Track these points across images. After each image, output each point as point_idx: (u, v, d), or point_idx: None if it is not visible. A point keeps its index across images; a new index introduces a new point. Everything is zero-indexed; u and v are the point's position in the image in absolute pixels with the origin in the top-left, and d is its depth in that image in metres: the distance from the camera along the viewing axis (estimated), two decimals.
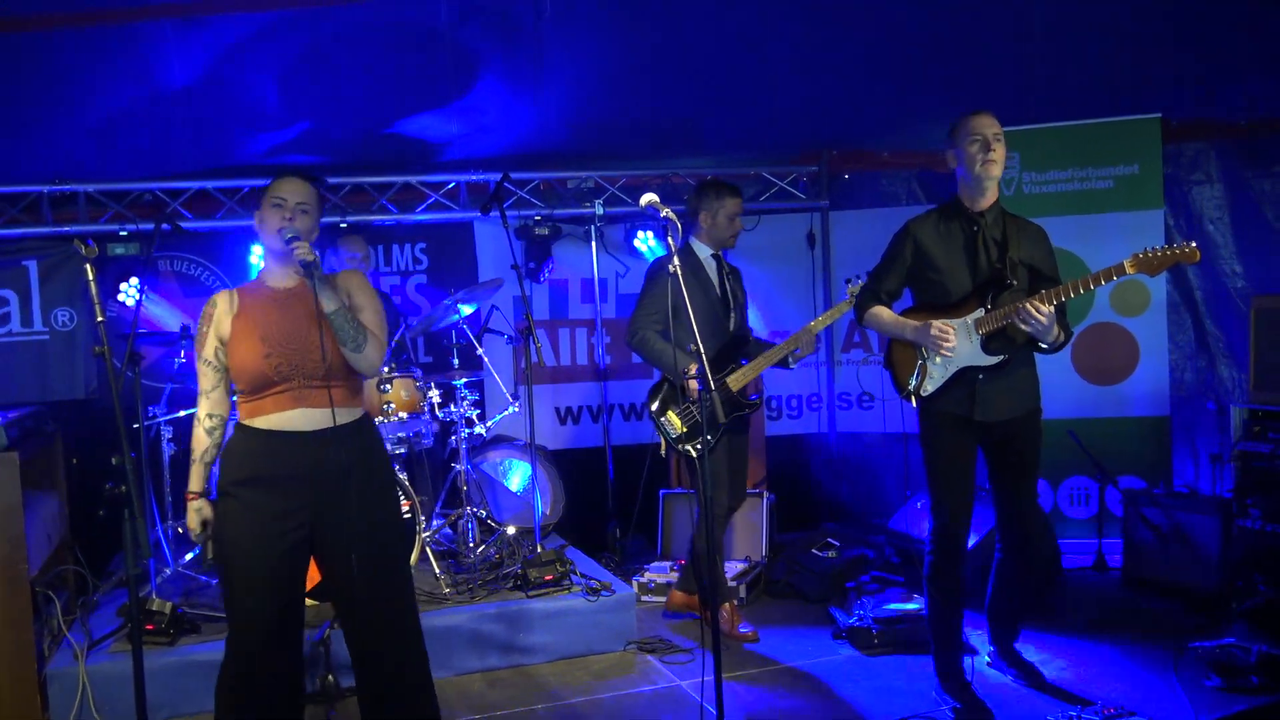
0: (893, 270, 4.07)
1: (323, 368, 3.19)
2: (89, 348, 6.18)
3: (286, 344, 3.20)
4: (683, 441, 4.82)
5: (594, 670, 4.66)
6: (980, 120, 3.86)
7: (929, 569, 4.04)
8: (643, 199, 3.51)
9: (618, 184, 6.75)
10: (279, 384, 3.18)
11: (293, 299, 3.31)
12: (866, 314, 4.12)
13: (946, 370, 3.91)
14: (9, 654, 4.24)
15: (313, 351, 3.18)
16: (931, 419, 3.99)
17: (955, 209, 3.98)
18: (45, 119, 5.37)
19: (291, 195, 3.28)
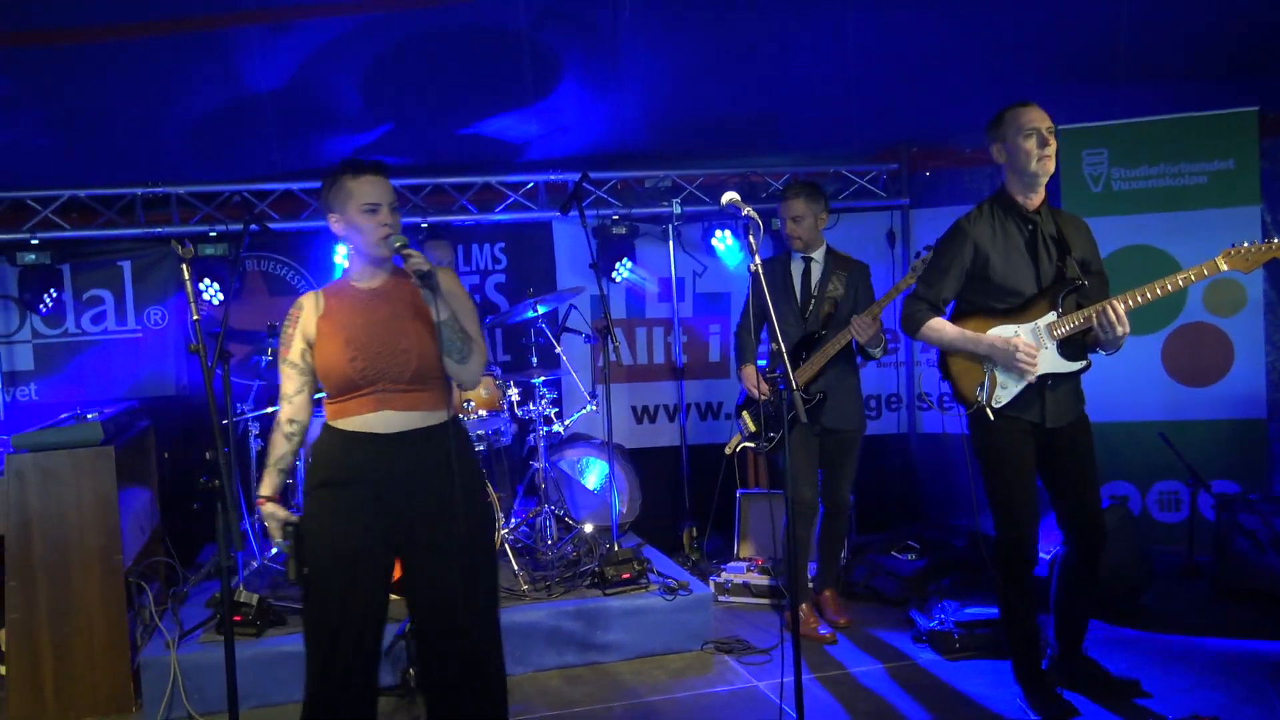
0: (950, 276, 3.84)
1: (409, 372, 3.08)
2: (180, 345, 6.37)
3: (372, 347, 3.07)
4: (753, 439, 5.00)
5: (671, 669, 4.65)
6: (1033, 113, 3.70)
7: (1000, 579, 3.92)
8: (724, 197, 3.48)
9: (695, 183, 6.73)
10: (364, 388, 3.06)
11: (379, 300, 3.17)
12: (924, 327, 3.87)
13: (1022, 379, 3.77)
14: (105, 642, 4.39)
15: (399, 355, 3.07)
16: (998, 428, 3.80)
17: (1008, 207, 3.81)
18: (140, 123, 5.54)
19: (383, 196, 3.08)
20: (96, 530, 4.38)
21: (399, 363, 3.07)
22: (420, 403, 3.10)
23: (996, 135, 3.78)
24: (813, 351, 4.89)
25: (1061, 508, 3.95)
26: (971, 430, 3.91)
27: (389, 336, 3.09)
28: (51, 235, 5.96)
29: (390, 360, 3.06)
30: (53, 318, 6.14)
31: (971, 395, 3.84)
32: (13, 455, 4.34)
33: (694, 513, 6.44)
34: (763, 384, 4.95)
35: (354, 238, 3.14)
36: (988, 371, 3.81)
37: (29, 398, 6.21)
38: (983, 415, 3.81)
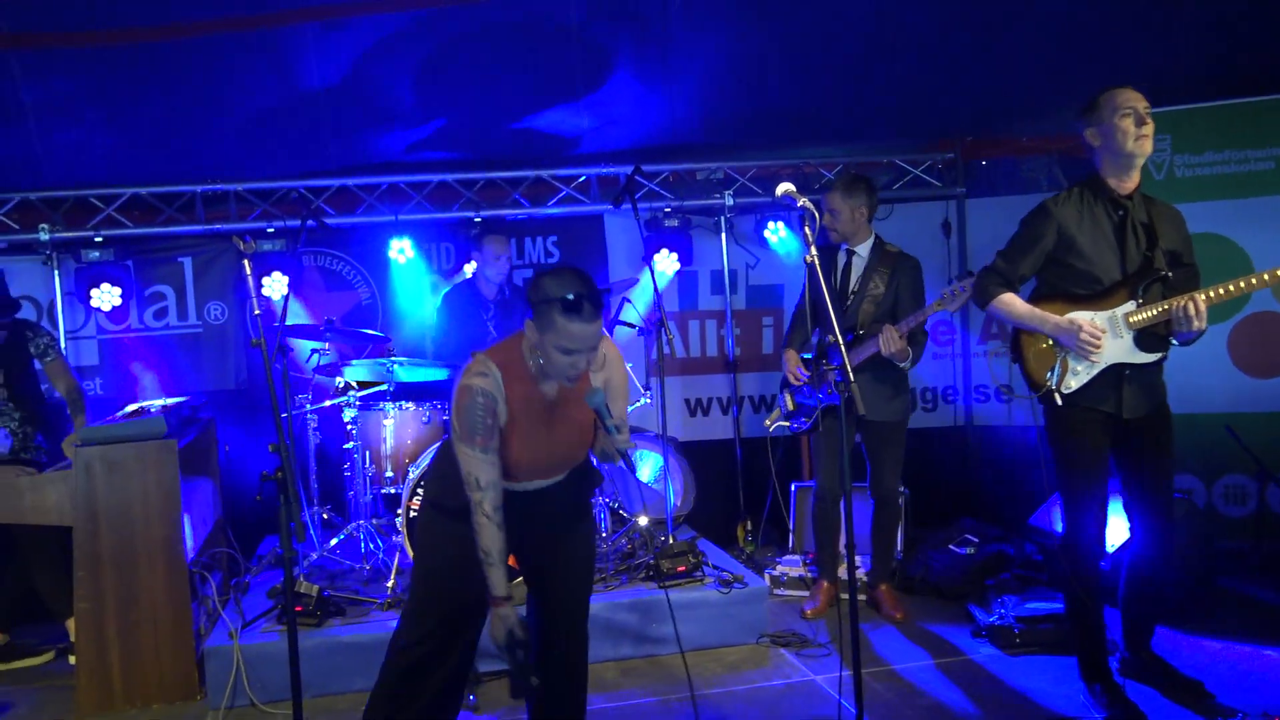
0: (1030, 254, 3.82)
1: (572, 463, 3.21)
2: (239, 340, 6.47)
3: (552, 452, 3.13)
4: (788, 418, 5.18)
5: (727, 662, 4.64)
6: (1129, 94, 3.67)
7: (1067, 570, 3.87)
8: (779, 188, 3.47)
9: (747, 175, 6.70)
10: (519, 477, 3.13)
11: (559, 411, 3.10)
12: (995, 301, 3.84)
13: (1094, 367, 3.71)
14: (170, 631, 4.47)
15: (556, 455, 3.14)
16: (1071, 417, 3.76)
17: (1098, 191, 3.76)
18: (199, 121, 5.63)
19: (588, 341, 2.87)
20: (161, 522, 4.46)
21: (556, 459, 3.15)
22: (562, 471, 3.24)
23: (1092, 119, 3.75)
24: (850, 346, 4.90)
25: (1134, 500, 3.89)
26: (1046, 417, 3.87)
27: (567, 444, 3.14)
28: (115, 233, 6.08)
29: (548, 459, 3.13)
30: (116, 314, 6.26)
31: (1041, 379, 3.80)
32: (80, 449, 4.43)
33: (748, 506, 6.43)
34: (798, 369, 5.07)
35: (539, 352, 2.98)
36: (1059, 356, 3.76)
37: (94, 392, 6.34)
38: (1054, 402, 3.76)
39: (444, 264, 6.70)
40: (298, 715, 2.96)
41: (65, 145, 5.49)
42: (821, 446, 5.10)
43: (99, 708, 4.42)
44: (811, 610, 5.16)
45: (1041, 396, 3.82)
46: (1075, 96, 5.95)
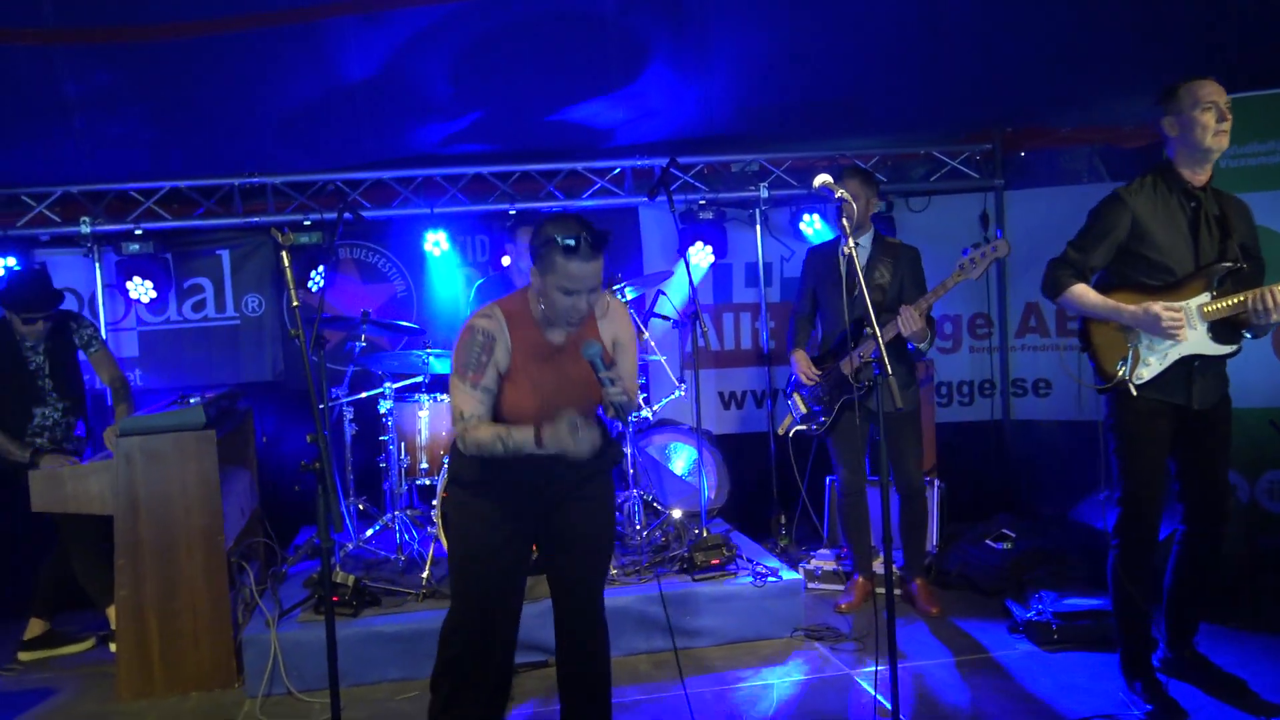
0: (1102, 244, 3.77)
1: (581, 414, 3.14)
2: (276, 332, 6.53)
3: (557, 396, 3.13)
4: (804, 422, 5.15)
5: (761, 655, 4.63)
6: (1210, 86, 3.63)
7: (1117, 561, 3.82)
8: (816, 179, 3.45)
9: (783, 166, 6.66)
10: (525, 423, 3.11)
11: (566, 357, 3.17)
12: (1066, 291, 3.80)
13: (1166, 358, 3.68)
14: (209, 619, 4.52)
15: (580, 402, 3.14)
16: (1139, 407, 3.71)
17: (1172, 182, 3.73)
18: (237, 115, 5.66)
19: (586, 280, 2.98)
20: (200, 511, 4.51)
21: (577, 405, 3.09)
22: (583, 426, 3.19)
23: (1170, 108, 3.70)
24: (860, 341, 4.88)
25: (1190, 490, 3.85)
26: (1110, 407, 3.83)
27: (574, 389, 3.16)
28: (154, 226, 6.15)
29: (569, 403, 3.09)
30: (156, 305, 6.33)
31: (1112, 369, 3.77)
32: (120, 439, 4.48)
33: (782, 499, 6.40)
34: (812, 369, 5.07)
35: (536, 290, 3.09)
36: (1132, 346, 3.73)
37: (134, 383, 6.41)
38: (1124, 392, 3.72)
39: (478, 256, 6.72)
40: (335, 704, 2.97)
41: (107, 139, 5.54)
42: (841, 442, 5.09)
43: (139, 694, 4.48)
44: (846, 604, 5.14)
45: (1112, 387, 3.77)
46: (1117, 87, 5.93)
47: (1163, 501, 3.79)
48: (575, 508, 3.31)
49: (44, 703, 4.56)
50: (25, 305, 4.99)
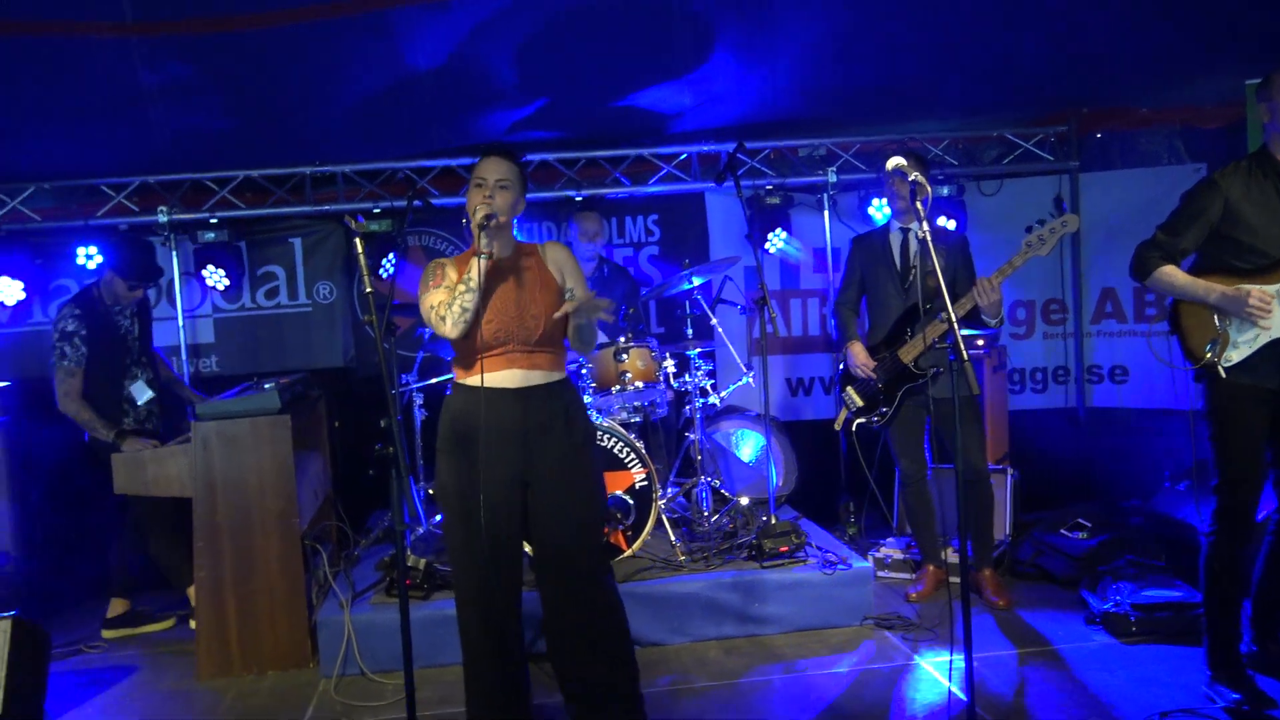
0: (1193, 228, 3.72)
1: (535, 336, 3.44)
2: (346, 319, 6.61)
3: (505, 311, 3.43)
4: (861, 414, 5.05)
5: (830, 644, 4.59)
6: None
7: (1211, 550, 3.73)
8: (889, 162, 3.42)
9: (851, 150, 6.58)
10: (496, 347, 3.43)
11: (512, 270, 3.51)
12: (1155, 273, 3.76)
13: (1255, 341, 3.59)
14: (284, 601, 4.60)
15: (529, 320, 3.44)
16: (1230, 391, 3.65)
17: (1266, 166, 3.65)
18: (308, 105, 5.73)
19: (491, 174, 3.45)
20: (275, 494, 4.59)
21: (527, 328, 3.44)
22: (544, 364, 3.50)
23: (1263, 95, 3.65)
24: (917, 327, 4.80)
25: None
26: (1206, 394, 3.76)
27: (519, 304, 3.45)
28: (229, 214, 6.26)
29: (519, 324, 3.44)
30: (230, 293, 6.45)
31: (1200, 352, 3.71)
32: (198, 423, 4.58)
33: (850, 487, 6.34)
34: (869, 360, 5.00)
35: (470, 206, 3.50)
36: (1221, 329, 3.66)
37: (210, 369, 6.56)
38: (1217, 377, 3.67)
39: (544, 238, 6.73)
40: (409, 684, 3.01)
41: (182, 129, 5.64)
42: (900, 432, 5.04)
43: (218, 673, 4.58)
44: (916, 594, 5.08)
45: (1202, 369, 3.71)
46: (1199, 66, 5.75)
47: (1259, 489, 3.70)
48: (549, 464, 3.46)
49: (127, 679, 4.69)
50: (139, 272, 5.18)
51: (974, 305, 4.55)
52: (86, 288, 5.26)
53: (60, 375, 4.99)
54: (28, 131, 5.56)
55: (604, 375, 5.38)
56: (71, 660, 4.97)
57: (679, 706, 4.00)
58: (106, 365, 5.11)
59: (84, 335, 5.01)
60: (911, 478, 5.07)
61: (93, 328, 5.05)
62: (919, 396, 4.91)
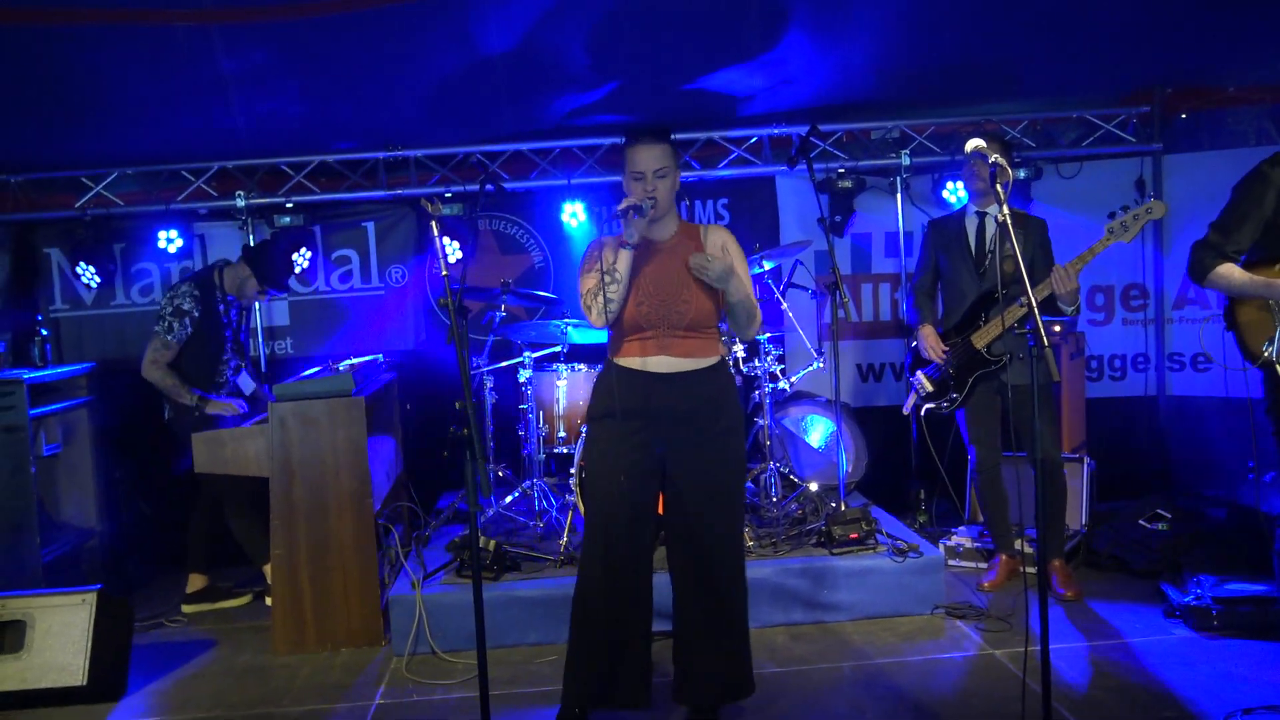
0: (1248, 223, 3.61)
1: (686, 320, 3.42)
2: (418, 302, 6.68)
3: (656, 295, 3.42)
4: (931, 399, 5.02)
5: (900, 632, 4.55)
6: None
7: None
8: (969, 144, 3.34)
9: (925, 133, 6.47)
10: (646, 330, 3.43)
11: (668, 253, 3.48)
12: (1211, 274, 3.67)
13: None
14: (357, 579, 4.67)
15: (680, 305, 3.42)
16: None
17: None
18: (382, 90, 5.79)
19: (648, 164, 3.38)
20: (349, 474, 4.66)
21: (679, 311, 3.42)
22: (694, 349, 3.47)
23: None
24: (992, 312, 4.71)
25: None
26: (1266, 389, 3.67)
27: (672, 287, 3.43)
28: (304, 199, 6.35)
29: (671, 308, 3.43)
30: (306, 276, 6.55)
31: (1258, 349, 3.61)
32: (275, 404, 4.66)
33: (921, 474, 6.26)
34: (940, 345, 4.93)
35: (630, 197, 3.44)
36: (1278, 325, 3.53)
37: (285, 351, 6.67)
38: (1275, 372, 3.57)
39: (615, 228, 6.72)
40: (482, 664, 3.04)
41: (260, 115, 5.74)
42: (974, 419, 4.96)
43: (293, 649, 4.67)
44: (989, 583, 5.00)
45: (1260, 366, 3.62)
46: None
47: None
48: (695, 442, 3.45)
49: (205, 654, 4.80)
50: (275, 278, 5.43)
51: (1050, 293, 4.46)
52: (208, 271, 5.39)
53: (156, 344, 5.11)
54: (111, 118, 5.69)
55: None
56: (152, 633, 5.11)
57: None
58: (205, 347, 5.24)
59: (195, 317, 5.16)
60: (985, 465, 4.99)
61: (204, 312, 5.19)
62: (992, 382, 4.83)
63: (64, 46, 4.94)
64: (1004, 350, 4.73)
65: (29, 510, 5.02)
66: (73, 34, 4.86)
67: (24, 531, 5.01)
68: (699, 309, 3.43)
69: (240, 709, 4.14)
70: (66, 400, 5.57)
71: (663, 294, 3.42)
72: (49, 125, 5.69)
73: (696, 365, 3.47)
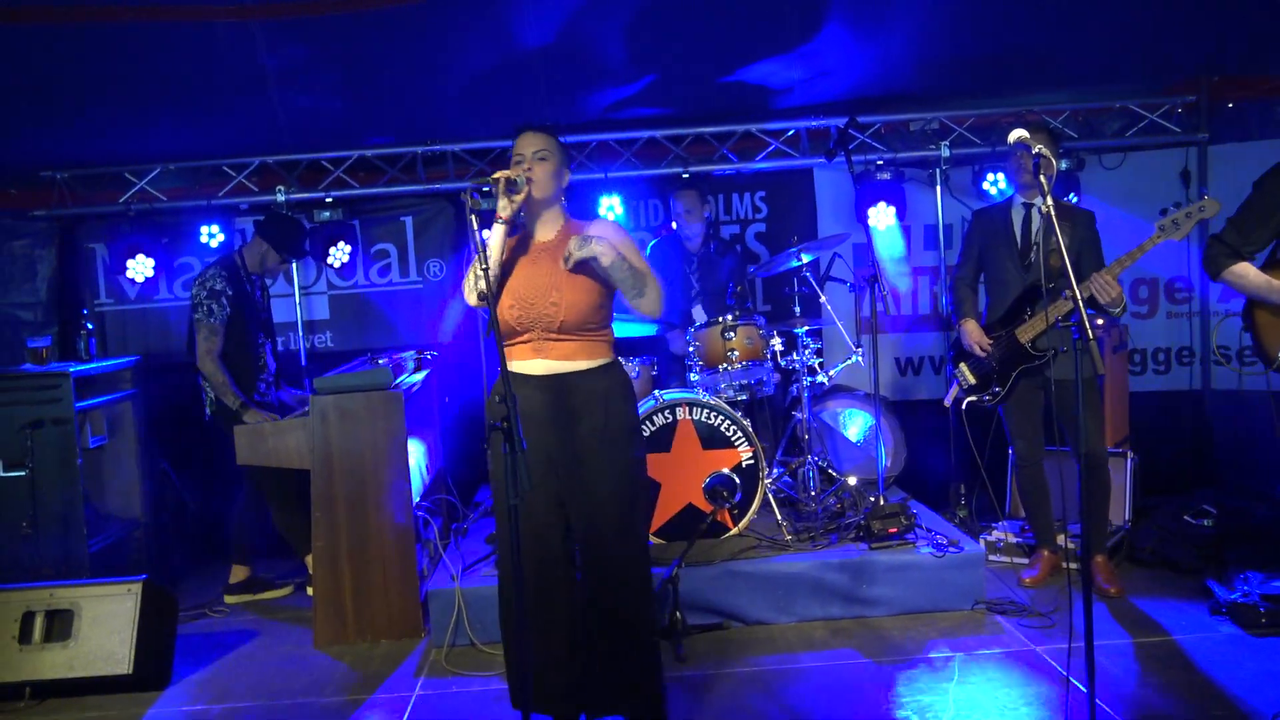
0: (1266, 223, 3.55)
1: (557, 322, 3.30)
2: (456, 296, 6.71)
3: (525, 297, 3.32)
4: (973, 392, 4.95)
5: (940, 627, 4.51)
6: None
7: None
8: (1012, 134, 3.30)
9: (965, 124, 6.40)
10: (522, 333, 3.34)
11: (544, 254, 3.40)
12: (1225, 273, 3.61)
13: None
14: (397, 571, 4.71)
15: (547, 307, 3.30)
16: None
17: None
18: (419, 85, 5.82)
19: (528, 147, 3.38)
20: (389, 467, 4.69)
21: (546, 314, 3.30)
22: (572, 352, 3.34)
23: None
24: (1037, 306, 4.65)
25: None
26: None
27: (542, 288, 3.32)
28: (343, 193, 6.40)
29: (541, 310, 3.31)
30: (345, 270, 6.60)
31: (1273, 352, 3.54)
32: (316, 397, 4.70)
33: (961, 468, 6.20)
34: (984, 339, 4.87)
35: None
36: None
37: (325, 345, 6.74)
38: None
39: (651, 221, 6.74)
40: (523, 654, 3.04)
41: (301, 111, 5.79)
42: (1016, 413, 4.90)
43: (334, 639, 4.72)
44: (1031, 578, 4.95)
45: (1276, 369, 3.59)
46: None
47: None
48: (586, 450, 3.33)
49: (247, 643, 4.86)
50: (294, 246, 5.49)
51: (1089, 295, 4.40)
52: (229, 254, 5.46)
53: (204, 333, 5.17)
54: (154, 115, 5.76)
55: (711, 353, 5.36)
56: (196, 623, 5.17)
57: (785, 686, 3.98)
58: (242, 330, 5.30)
59: (229, 295, 5.21)
60: (1027, 460, 4.93)
61: (236, 292, 5.26)
62: (1036, 377, 4.77)
63: (108, 44, 5.01)
64: (1049, 345, 4.67)
65: (76, 501, 5.10)
66: (116, 32, 4.93)
67: (71, 522, 5.09)
68: (571, 310, 3.29)
69: (282, 698, 4.19)
70: (112, 393, 5.65)
71: (531, 296, 3.31)
72: (94, 122, 5.77)
73: (573, 368, 3.34)
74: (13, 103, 5.38)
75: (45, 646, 4.25)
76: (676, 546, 4.70)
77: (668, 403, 4.94)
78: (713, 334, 5.36)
